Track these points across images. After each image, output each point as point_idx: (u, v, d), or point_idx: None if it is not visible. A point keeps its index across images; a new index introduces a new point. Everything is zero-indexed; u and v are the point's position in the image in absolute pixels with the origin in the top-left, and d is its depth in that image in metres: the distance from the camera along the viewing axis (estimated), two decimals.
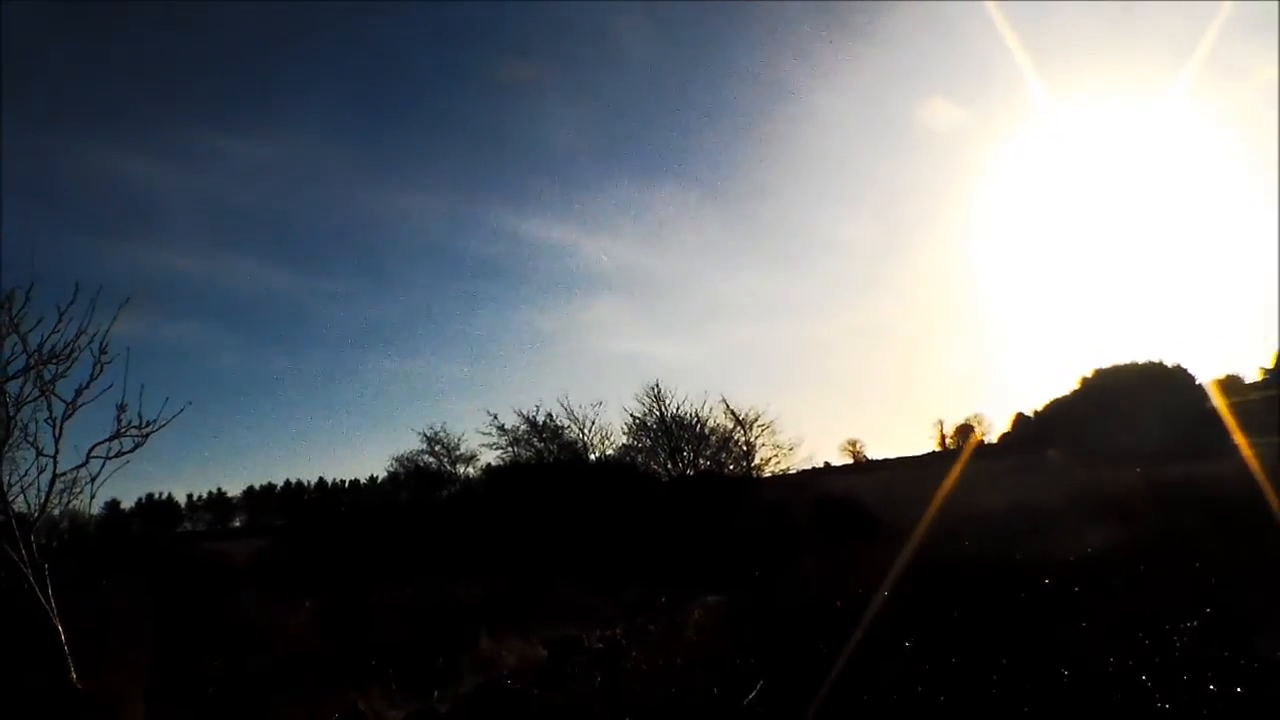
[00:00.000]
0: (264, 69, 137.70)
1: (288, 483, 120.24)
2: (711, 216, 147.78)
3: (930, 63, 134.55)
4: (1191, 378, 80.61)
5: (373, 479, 72.33)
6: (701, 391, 54.77)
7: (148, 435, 16.40)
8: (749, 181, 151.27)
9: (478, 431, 56.07)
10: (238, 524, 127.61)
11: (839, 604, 21.74)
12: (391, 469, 61.64)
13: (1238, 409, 71.04)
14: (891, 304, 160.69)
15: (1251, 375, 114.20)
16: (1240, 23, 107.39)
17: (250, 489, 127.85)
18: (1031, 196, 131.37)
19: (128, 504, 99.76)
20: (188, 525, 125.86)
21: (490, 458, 55.61)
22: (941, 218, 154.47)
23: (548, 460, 51.43)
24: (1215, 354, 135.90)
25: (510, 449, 52.64)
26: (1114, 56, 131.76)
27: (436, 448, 57.43)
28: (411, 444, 61.50)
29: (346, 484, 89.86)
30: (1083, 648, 14.38)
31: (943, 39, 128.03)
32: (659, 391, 50.67)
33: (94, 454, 16.30)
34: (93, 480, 16.45)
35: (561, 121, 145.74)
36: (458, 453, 57.47)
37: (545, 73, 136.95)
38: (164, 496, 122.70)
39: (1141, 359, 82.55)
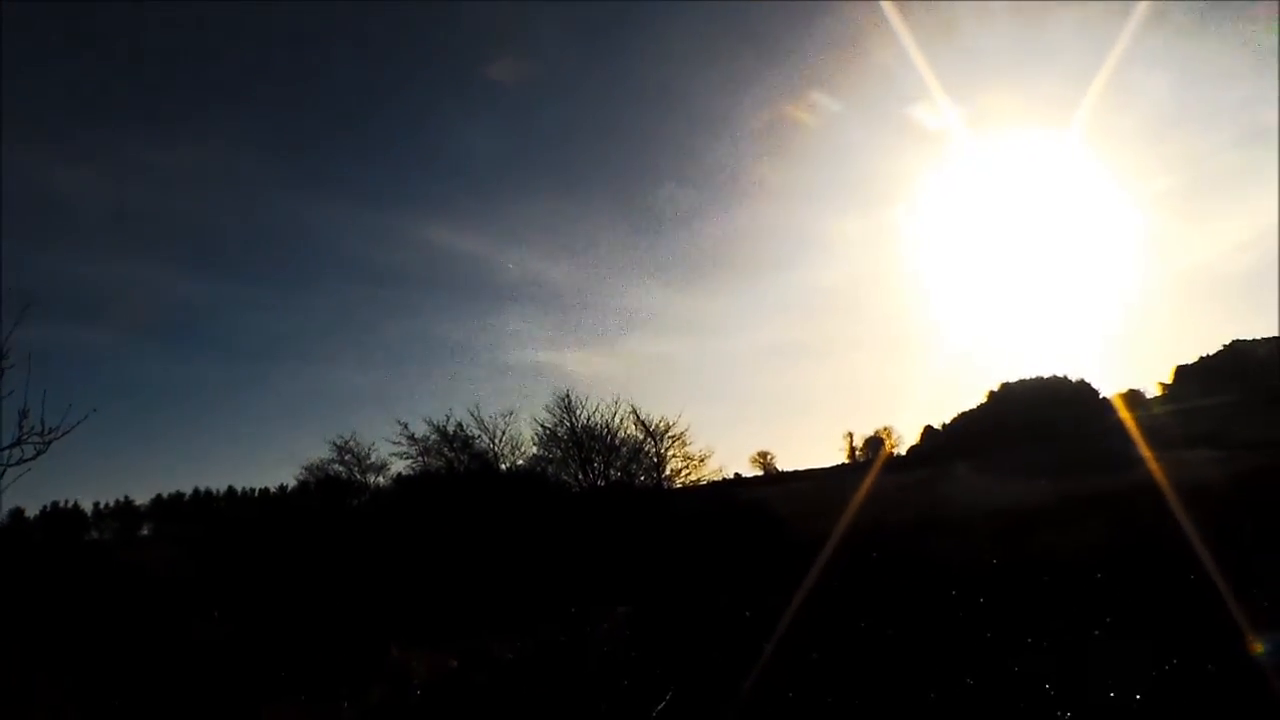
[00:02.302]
0: (182, 77, 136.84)
1: (196, 491, 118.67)
2: (624, 231, 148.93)
3: (848, 94, 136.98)
4: (1095, 392, 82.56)
5: (283, 488, 71.72)
6: (612, 403, 54.79)
7: (50, 442, 16.18)
8: (662, 199, 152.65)
9: (388, 441, 55.94)
10: (145, 532, 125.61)
11: (748, 614, 22.02)
12: (301, 477, 61.20)
13: (1141, 423, 72.70)
14: (801, 320, 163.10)
15: (1151, 390, 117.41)
16: (1133, 60, 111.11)
17: (159, 497, 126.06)
18: (941, 221, 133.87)
19: (32, 512, 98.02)
20: (95, 534, 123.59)
21: (400, 467, 55.29)
22: (853, 239, 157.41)
23: (458, 470, 51.22)
24: (1117, 370, 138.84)
25: (420, 459, 52.32)
26: (1022, 91, 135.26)
27: (346, 457, 57.06)
28: (321, 452, 61.08)
29: (256, 492, 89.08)
30: (987, 658, 14.72)
31: (866, 79, 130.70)
32: (569, 402, 50.70)
33: None
34: None
35: (478, 133, 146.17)
36: (368, 462, 57.13)
37: (465, 86, 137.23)
38: (70, 505, 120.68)
39: (1046, 374, 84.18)
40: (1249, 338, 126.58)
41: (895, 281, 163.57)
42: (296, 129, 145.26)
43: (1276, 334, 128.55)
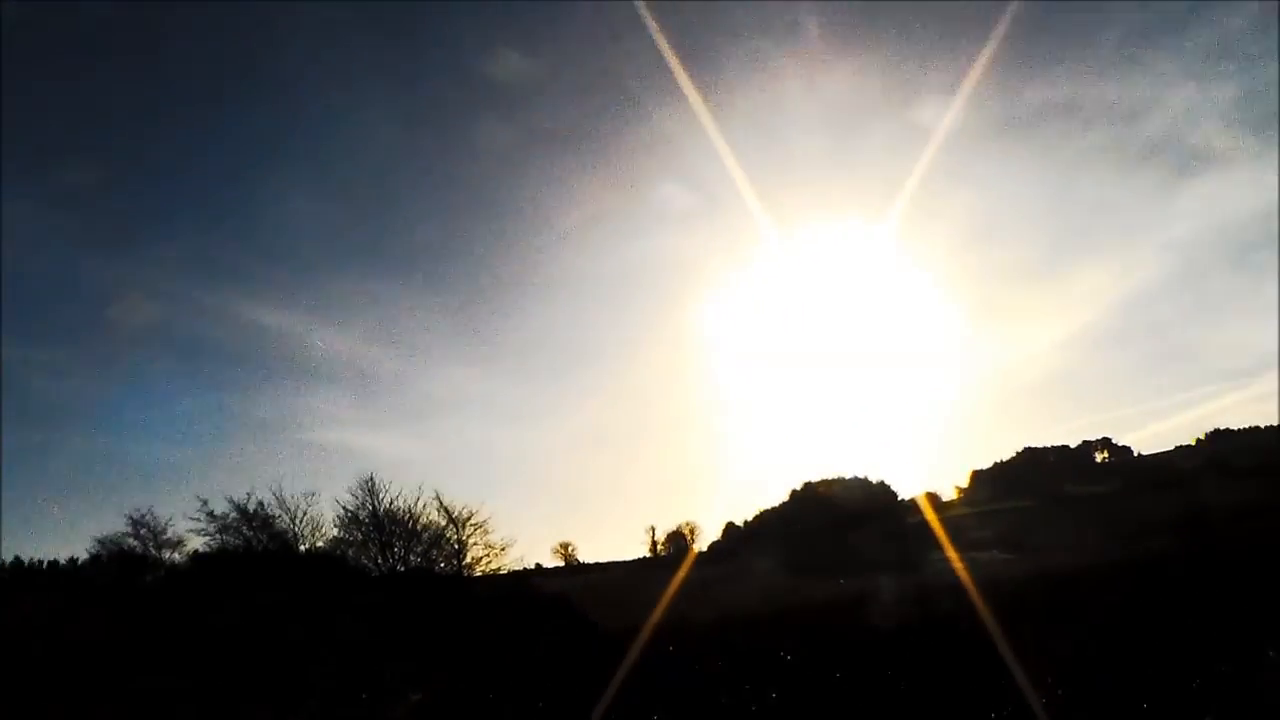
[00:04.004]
0: None
1: None
2: (437, 315, 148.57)
3: (656, 186, 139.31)
4: (894, 494, 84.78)
5: (73, 560, 69.26)
6: (416, 487, 54.42)
7: None
8: (476, 284, 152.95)
9: (187, 517, 54.28)
10: None
11: (541, 704, 22.20)
12: (94, 550, 59.36)
13: (937, 525, 75.12)
14: (608, 412, 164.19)
15: (949, 493, 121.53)
16: (945, 172, 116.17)
17: None
18: (751, 320, 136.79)
19: None
20: None
21: (198, 544, 53.94)
22: (664, 334, 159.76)
23: (256, 549, 50.36)
24: (917, 473, 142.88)
25: (219, 536, 51.19)
26: (837, 199, 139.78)
27: (142, 531, 55.47)
28: (117, 525, 59.19)
29: (45, 564, 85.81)
30: None
31: (674, 170, 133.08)
32: (373, 485, 50.38)
33: None
34: None
35: (293, 206, 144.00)
36: (164, 537, 55.65)
37: (279, 150, 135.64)
38: None
39: (848, 474, 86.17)
40: (1041, 445, 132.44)
41: (704, 377, 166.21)
42: (91, 185, 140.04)
43: (1064, 442, 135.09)
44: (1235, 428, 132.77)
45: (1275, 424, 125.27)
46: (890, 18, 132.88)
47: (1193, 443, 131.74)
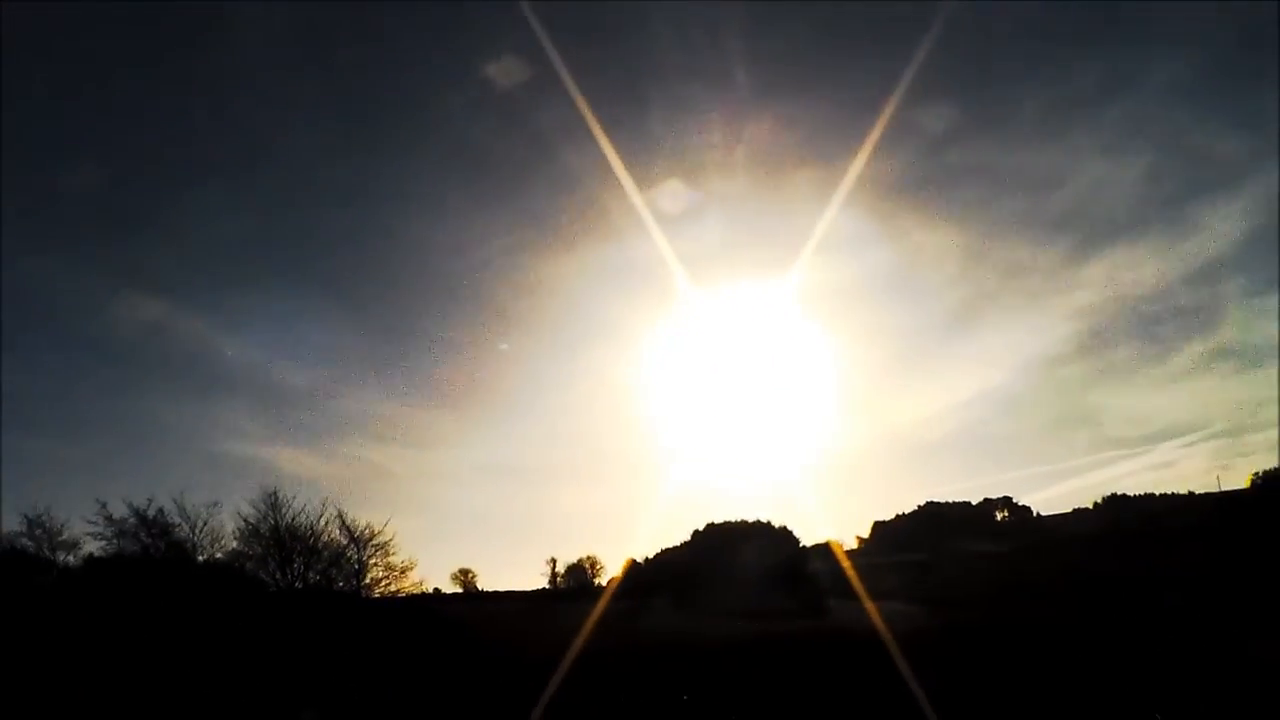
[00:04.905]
0: None
1: None
2: (354, 337, 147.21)
3: (576, 234, 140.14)
4: (796, 540, 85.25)
5: None
6: (320, 504, 53.66)
7: None
8: (394, 307, 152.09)
9: (84, 519, 53.13)
10: None
11: None
12: None
13: (836, 573, 75.76)
14: (520, 446, 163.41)
15: (850, 543, 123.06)
16: (853, 223, 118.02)
17: None
18: (664, 364, 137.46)
19: None
20: None
21: (94, 548, 52.94)
22: (577, 372, 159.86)
23: (154, 556, 49.62)
24: (820, 520, 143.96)
25: (116, 541, 50.37)
26: (750, 248, 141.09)
27: (38, 531, 54.49)
28: (9, 523, 57.98)
29: None
30: None
31: (603, 228, 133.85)
32: (276, 499, 50.10)
33: None
34: None
35: (211, 213, 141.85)
36: (59, 539, 54.67)
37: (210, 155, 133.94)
38: None
39: (751, 517, 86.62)
40: (943, 500, 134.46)
41: (613, 417, 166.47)
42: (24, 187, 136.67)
43: (966, 499, 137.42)
44: (1131, 493, 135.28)
45: (1170, 492, 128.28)
46: (816, 72, 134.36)
47: (1090, 506, 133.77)
